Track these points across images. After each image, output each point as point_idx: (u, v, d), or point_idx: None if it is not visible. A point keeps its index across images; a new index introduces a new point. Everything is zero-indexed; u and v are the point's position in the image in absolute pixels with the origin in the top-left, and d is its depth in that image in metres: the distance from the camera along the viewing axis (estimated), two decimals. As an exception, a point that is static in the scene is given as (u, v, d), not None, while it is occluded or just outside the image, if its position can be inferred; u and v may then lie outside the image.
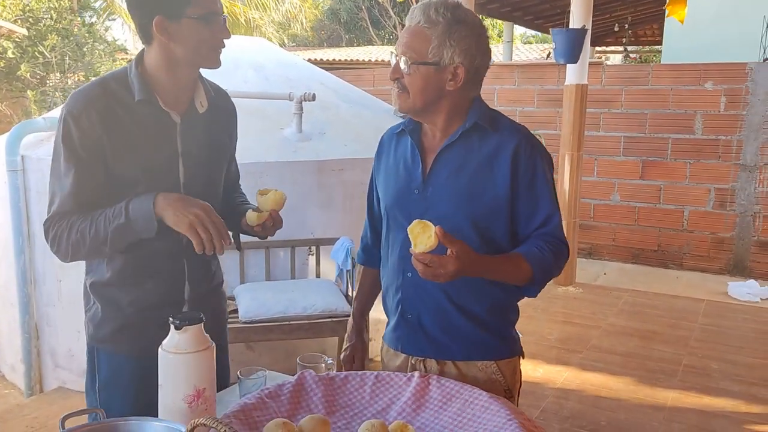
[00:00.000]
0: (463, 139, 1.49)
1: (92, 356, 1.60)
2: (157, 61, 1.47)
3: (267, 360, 3.56)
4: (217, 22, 1.44)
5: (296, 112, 3.70)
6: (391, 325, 1.66)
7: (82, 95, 1.45)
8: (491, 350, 1.56)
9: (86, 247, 1.44)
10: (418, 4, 1.43)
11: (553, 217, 1.49)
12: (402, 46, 1.44)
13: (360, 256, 1.82)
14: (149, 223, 1.40)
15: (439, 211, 1.48)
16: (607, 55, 14.39)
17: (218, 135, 1.62)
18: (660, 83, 5.93)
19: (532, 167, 1.47)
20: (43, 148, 3.54)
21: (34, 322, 3.62)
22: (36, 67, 6.85)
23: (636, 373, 3.63)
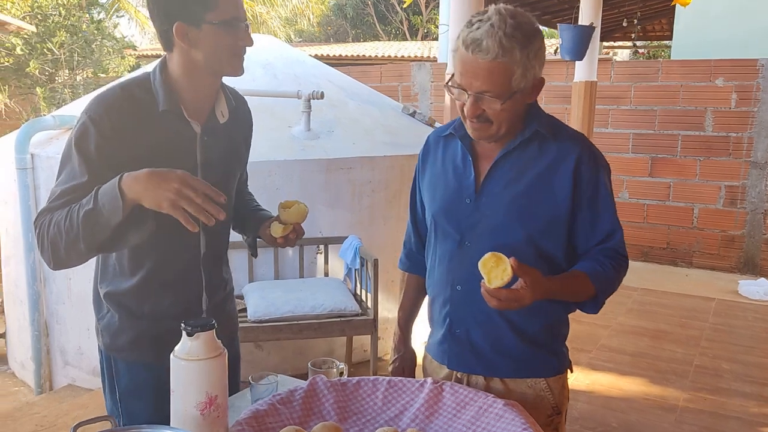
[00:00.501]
0: (521, 147, 1.42)
1: (110, 365, 1.58)
2: (179, 68, 1.43)
3: (276, 359, 3.56)
4: (239, 28, 1.40)
5: (304, 110, 3.68)
6: (437, 337, 1.58)
7: (104, 100, 1.41)
8: (542, 367, 1.51)
9: (63, 243, 1.31)
10: (478, 33, 1.28)
11: (616, 234, 1.43)
12: (479, 84, 1.30)
13: (403, 263, 1.74)
14: (115, 204, 1.26)
15: (493, 222, 1.43)
16: (615, 50, 14.29)
17: (236, 144, 1.60)
18: (670, 79, 5.88)
19: (594, 180, 1.40)
20: (52, 146, 3.54)
21: (44, 320, 3.63)
22: (45, 63, 6.85)
23: (646, 374, 3.61)
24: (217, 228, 1.46)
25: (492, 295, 1.24)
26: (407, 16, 18.05)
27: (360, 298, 3.40)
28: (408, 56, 12.41)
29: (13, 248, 3.72)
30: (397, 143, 3.95)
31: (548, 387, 1.51)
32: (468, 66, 1.31)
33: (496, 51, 1.27)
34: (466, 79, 1.32)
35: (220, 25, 1.37)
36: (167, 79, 1.44)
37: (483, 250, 1.40)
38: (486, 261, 1.25)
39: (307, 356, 3.62)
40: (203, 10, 1.35)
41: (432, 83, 7.15)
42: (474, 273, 1.42)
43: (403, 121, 4.40)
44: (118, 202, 1.26)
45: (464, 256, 1.47)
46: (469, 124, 1.39)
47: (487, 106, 1.34)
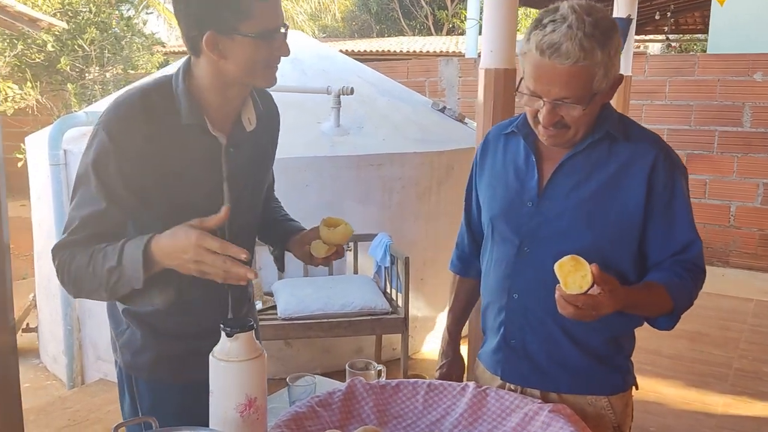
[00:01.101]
0: (590, 149, 1.33)
1: (130, 384, 1.47)
2: (206, 77, 1.30)
3: (304, 357, 3.54)
4: (275, 39, 1.26)
5: (334, 106, 3.65)
6: (490, 346, 1.51)
7: (124, 113, 1.27)
8: (604, 384, 1.42)
9: (85, 286, 1.25)
10: (556, 37, 1.17)
11: (695, 244, 1.33)
12: (558, 90, 1.21)
13: (456, 265, 1.66)
14: (136, 273, 1.18)
15: (557, 228, 1.34)
16: (646, 44, 14.02)
17: (264, 151, 1.50)
18: (706, 74, 5.72)
19: (671, 185, 1.30)
20: (84, 142, 3.55)
21: (76, 315, 3.66)
22: (75, 60, 6.93)
23: (685, 377, 3.52)
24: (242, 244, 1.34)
25: (569, 301, 1.14)
26: (432, 11, 17.93)
27: (389, 296, 3.36)
28: (433, 51, 12.32)
29: (46, 243, 3.75)
30: (427, 139, 3.90)
31: (610, 405, 1.42)
32: (544, 72, 1.21)
33: (577, 55, 1.17)
34: (541, 85, 1.22)
35: (256, 37, 1.23)
36: (191, 87, 1.31)
37: (544, 257, 1.34)
38: (564, 264, 1.16)
39: (335, 354, 3.60)
40: (237, 19, 1.21)
41: (460, 78, 7.07)
42: (533, 280, 1.38)
43: (432, 117, 4.35)
44: (139, 274, 1.19)
45: (523, 262, 1.39)
46: (543, 131, 1.29)
47: (566, 113, 1.24)
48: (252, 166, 1.44)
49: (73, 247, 1.24)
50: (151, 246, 1.19)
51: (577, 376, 1.41)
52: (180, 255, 1.17)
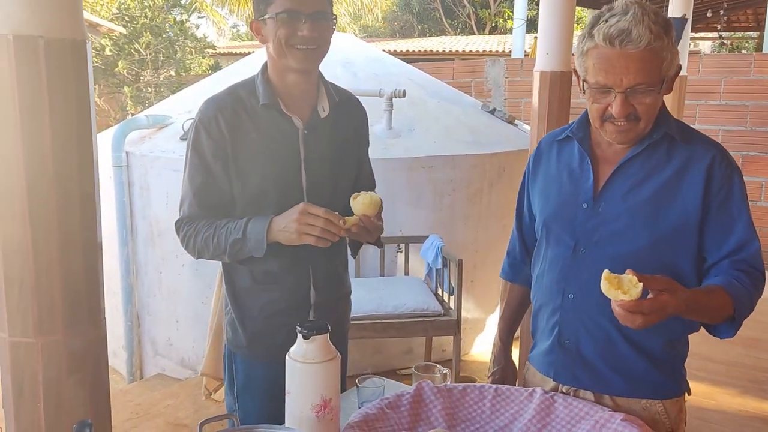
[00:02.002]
0: (648, 151, 1.35)
1: (230, 361, 1.66)
2: (270, 64, 1.54)
3: (356, 356, 3.58)
4: (296, 20, 1.43)
5: (386, 108, 3.69)
6: (542, 347, 1.52)
7: (212, 103, 1.52)
8: (659, 388, 1.42)
9: (209, 253, 1.53)
10: (624, 24, 1.21)
11: (751, 244, 1.31)
12: (632, 77, 1.22)
13: (507, 272, 1.69)
14: (260, 244, 1.46)
15: (614, 229, 1.35)
16: (696, 42, 13.66)
17: (342, 139, 1.61)
18: (763, 73, 5.56)
19: (727, 184, 1.31)
20: (145, 144, 3.68)
21: (136, 311, 3.79)
22: (132, 64, 7.16)
23: (741, 384, 3.43)
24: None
25: (633, 310, 1.12)
26: (474, 10, 17.82)
27: (441, 298, 3.38)
28: (476, 51, 12.26)
29: (107, 243, 3.88)
30: (477, 142, 3.90)
31: (664, 410, 1.42)
32: (615, 61, 1.23)
33: (649, 37, 1.20)
34: (613, 76, 1.23)
35: (276, 17, 1.43)
36: (267, 76, 1.54)
37: (600, 258, 1.36)
38: (608, 282, 1.14)
39: (385, 354, 3.63)
40: (265, 5, 1.45)
41: (506, 79, 7.03)
42: (588, 281, 1.37)
43: (482, 119, 4.35)
44: (263, 245, 1.46)
45: (578, 263, 1.40)
46: (614, 128, 1.30)
47: (638, 101, 1.26)
48: (330, 151, 1.57)
49: (194, 221, 1.53)
50: (272, 222, 1.46)
51: (632, 380, 1.41)
52: (288, 218, 1.43)
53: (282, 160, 1.52)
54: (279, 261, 1.54)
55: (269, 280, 1.58)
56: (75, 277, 1.29)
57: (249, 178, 1.51)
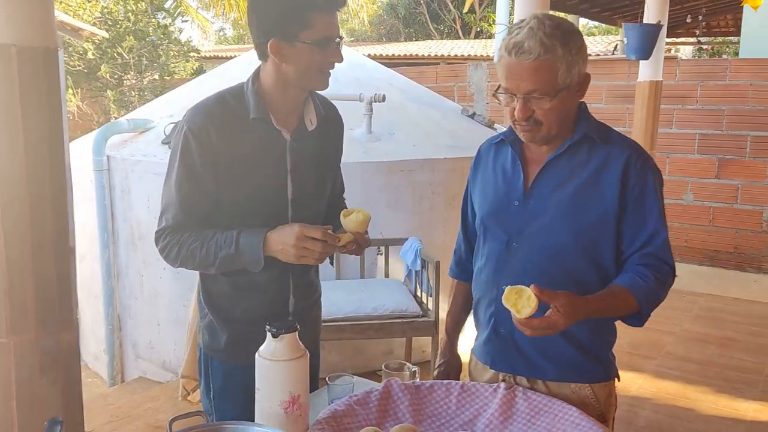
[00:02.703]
0: (570, 151, 1.45)
1: (206, 364, 1.67)
2: (270, 79, 1.51)
3: (336, 358, 3.62)
4: (330, 47, 1.46)
5: (366, 113, 3.73)
6: (482, 338, 1.63)
7: (202, 111, 1.51)
8: (587, 373, 1.51)
9: (194, 264, 1.52)
10: (519, 37, 1.33)
11: (659, 235, 1.42)
12: (526, 84, 1.34)
13: (453, 270, 1.78)
14: (257, 260, 1.46)
15: (541, 224, 1.45)
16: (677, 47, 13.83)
17: (326, 150, 1.65)
18: (738, 78, 5.67)
19: (642, 181, 1.41)
20: (126, 148, 3.70)
21: (117, 314, 3.80)
22: (115, 67, 7.15)
23: (714, 383, 3.51)
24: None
25: (524, 325, 1.26)
26: (460, 15, 17.93)
27: (420, 299, 3.43)
28: (461, 55, 12.33)
29: (89, 246, 3.90)
30: (457, 146, 3.96)
31: (593, 394, 1.51)
32: (513, 69, 1.35)
33: (538, 50, 1.31)
34: (512, 82, 1.36)
35: (313, 44, 1.43)
36: (259, 88, 1.52)
37: (530, 251, 1.47)
38: (508, 295, 1.27)
39: (365, 355, 3.67)
40: (299, 29, 1.42)
41: (488, 83, 7.10)
42: (519, 274, 1.48)
43: (462, 123, 4.40)
44: (260, 261, 1.47)
45: (511, 257, 1.50)
46: (520, 128, 1.42)
47: (537, 107, 1.37)
48: (314, 162, 1.60)
49: (178, 231, 1.51)
50: (267, 238, 1.46)
51: (562, 365, 1.50)
52: (285, 241, 1.44)
53: (269, 170, 1.53)
54: (265, 271, 1.52)
55: (252, 287, 1.59)
56: (47, 279, 1.32)
57: (236, 187, 1.52)
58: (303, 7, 1.42)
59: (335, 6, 1.46)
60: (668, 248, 1.44)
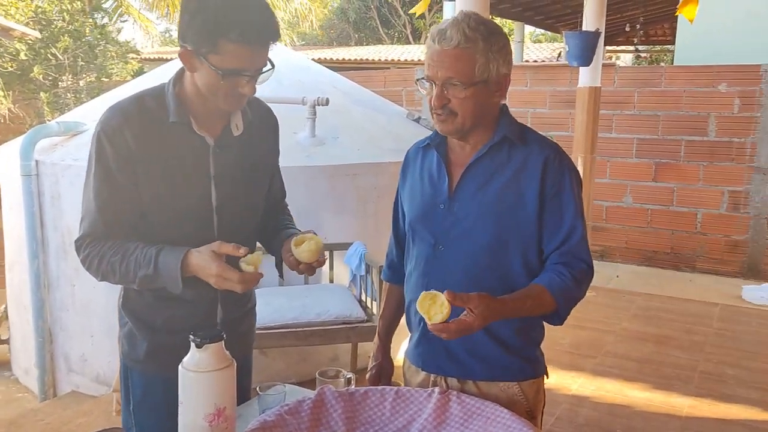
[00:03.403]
0: (491, 153, 1.46)
1: (126, 375, 1.60)
2: (189, 85, 1.44)
3: (280, 365, 3.56)
4: (239, 79, 1.35)
5: (309, 116, 3.69)
6: (413, 341, 1.63)
7: (118, 112, 1.42)
8: (514, 371, 1.52)
9: (116, 278, 1.44)
10: (444, 26, 1.38)
11: (575, 232, 1.44)
12: (444, 71, 1.37)
13: (386, 273, 1.78)
14: (175, 282, 1.38)
15: (466, 226, 1.47)
16: (618, 55, 14.29)
17: (255, 155, 1.56)
18: (673, 85, 5.89)
19: (559, 180, 1.44)
20: (56, 152, 3.55)
21: (48, 327, 3.63)
22: (48, 69, 6.87)
23: (651, 380, 3.60)
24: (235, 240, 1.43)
25: (439, 330, 1.26)
26: (410, 20, 18.07)
27: (365, 304, 3.40)
28: (411, 60, 12.42)
29: (17, 254, 3.72)
30: (402, 149, 3.90)
31: (521, 391, 1.52)
32: (435, 56, 1.38)
33: (459, 38, 1.35)
34: (432, 69, 1.39)
35: (219, 71, 1.32)
36: (180, 91, 1.44)
37: (455, 254, 1.48)
38: (422, 301, 1.28)
39: (311, 362, 3.62)
40: (208, 51, 1.32)
41: (435, 88, 7.15)
42: (446, 276, 1.49)
43: (408, 127, 4.41)
44: (178, 283, 1.38)
45: (438, 260, 1.51)
46: (436, 118, 1.43)
47: (453, 95, 1.38)
48: (241, 169, 1.51)
49: (98, 242, 1.43)
50: (186, 261, 1.38)
51: (490, 365, 1.51)
52: (206, 272, 1.37)
53: (191, 176, 1.45)
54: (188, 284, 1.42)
55: (175, 296, 1.47)
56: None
57: (157, 194, 1.43)
58: (214, 32, 1.30)
59: (254, 40, 1.32)
60: (585, 245, 1.47)
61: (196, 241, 1.41)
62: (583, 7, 4.92)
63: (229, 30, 1.29)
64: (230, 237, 1.44)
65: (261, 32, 1.32)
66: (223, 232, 1.50)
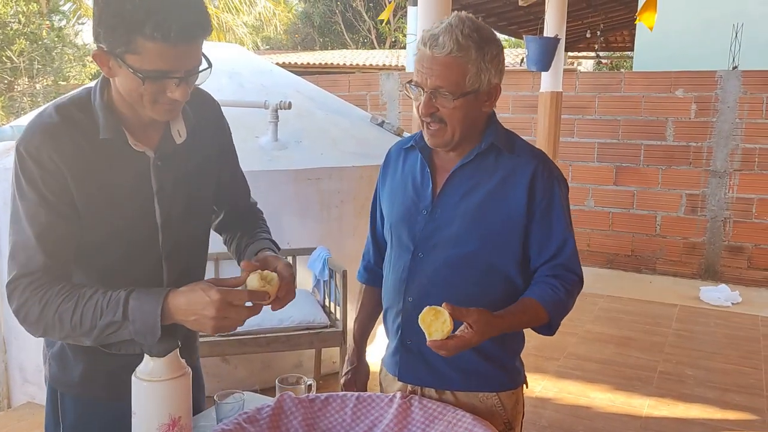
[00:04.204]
0: (478, 159, 1.43)
1: (55, 399, 1.42)
2: (115, 92, 1.24)
3: (243, 373, 3.51)
4: (165, 81, 1.16)
5: (272, 120, 3.65)
6: (390, 349, 1.59)
7: (40, 128, 1.21)
8: (493, 381, 1.50)
9: (62, 332, 1.20)
10: (437, 30, 1.32)
11: (567, 246, 1.42)
12: (434, 79, 1.32)
13: (362, 275, 1.73)
14: (151, 330, 1.16)
15: (448, 234, 1.43)
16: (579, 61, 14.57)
17: (202, 162, 1.40)
18: (632, 90, 6.01)
19: (549, 193, 1.41)
20: (10, 157, 3.43)
21: (2, 336, 3.51)
22: (3, 72, 6.67)
23: (613, 381, 3.66)
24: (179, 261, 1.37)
25: (437, 347, 1.24)
26: (375, 25, 18.12)
27: (328, 309, 3.37)
28: (376, 64, 12.46)
29: (-32, 262, 3.60)
30: (365, 154, 3.94)
31: (500, 402, 1.50)
32: (425, 62, 1.33)
33: (451, 47, 1.30)
34: (422, 76, 1.34)
35: (139, 73, 1.14)
36: (109, 100, 1.25)
37: (436, 262, 1.44)
38: (424, 316, 1.25)
39: (274, 369, 3.57)
40: (124, 50, 1.13)
41: (400, 92, 7.18)
42: (425, 285, 1.46)
43: (371, 131, 4.40)
44: (156, 333, 1.17)
45: (417, 267, 1.47)
46: (425, 128, 1.40)
47: (441, 104, 1.34)
48: (186, 179, 1.36)
49: (39, 284, 1.19)
50: (167, 303, 1.17)
51: (469, 375, 1.49)
52: (200, 313, 1.16)
53: (133, 194, 1.29)
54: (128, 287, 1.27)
55: None
56: None
57: (97, 216, 1.25)
58: (129, 29, 1.10)
59: (175, 36, 1.11)
60: (576, 258, 1.45)
61: (139, 265, 1.31)
62: (545, 13, 5.00)
63: (144, 24, 1.09)
64: (174, 253, 1.35)
65: (183, 26, 1.11)
66: (167, 249, 1.35)
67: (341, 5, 18.42)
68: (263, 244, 1.43)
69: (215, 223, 1.58)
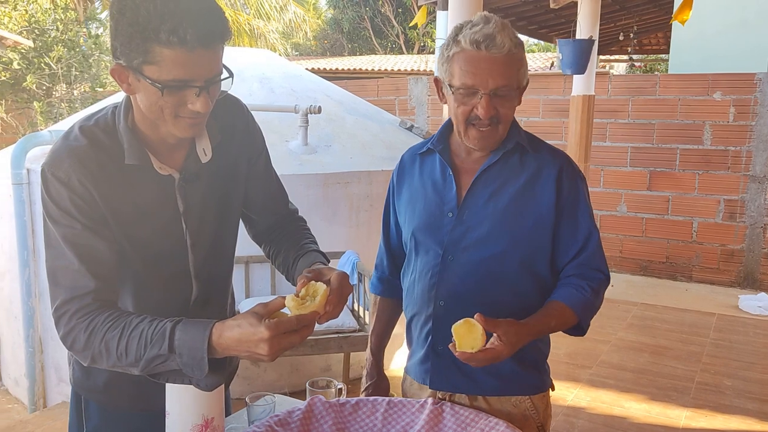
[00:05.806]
0: (503, 160, 1.43)
1: (79, 404, 1.41)
2: (137, 111, 1.21)
3: (272, 376, 3.52)
4: (182, 93, 1.12)
5: (302, 124, 3.67)
6: (417, 356, 1.55)
7: (68, 152, 1.18)
8: (527, 385, 1.49)
9: (109, 361, 1.16)
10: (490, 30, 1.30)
11: (592, 239, 1.43)
12: (494, 79, 1.30)
13: (376, 287, 1.69)
14: (199, 364, 1.11)
15: (478, 235, 1.42)
16: (611, 64, 14.36)
17: (229, 180, 1.36)
18: (667, 93, 5.89)
19: (575, 191, 1.43)
20: (47, 161, 3.51)
21: (39, 336, 3.58)
22: (42, 78, 6.84)
23: (648, 390, 3.57)
24: (208, 278, 1.35)
25: (466, 359, 1.25)
26: (403, 30, 18.14)
27: (357, 314, 3.37)
28: (404, 70, 12.45)
29: (8, 264, 3.68)
30: (394, 158, 3.93)
31: (533, 406, 1.49)
32: (482, 63, 1.30)
33: (510, 45, 1.30)
34: (479, 78, 1.31)
35: (157, 84, 1.10)
36: (132, 123, 1.23)
37: (467, 263, 1.43)
38: (458, 327, 1.26)
39: (303, 372, 3.58)
40: (142, 62, 1.09)
41: (429, 97, 7.16)
42: (457, 287, 1.44)
43: (400, 135, 4.39)
44: (204, 367, 1.11)
45: (448, 271, 1.45)
46: (476, 133, 1.37)
47: (500, 104, 1.34)
48: (213, 198, 1.33)
49: (87, 310, 1.16)
50: (212, 339, 1.11)
51: (503, 380, 1.47)
52: (252, 349, 1.10)
53: (159, 216, 1.27)
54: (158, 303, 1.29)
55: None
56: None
57: (126, 237, 1.24)
58: (145, 36, 1.07)
59: (192, 41, 1.07)
60: (601, 253, 1.45)
61: (170, 284, 1.30)
62: (577, 16, 4.93)
63: (159, 30, 1.05)
64: (204, 270, 1.33)
65: (200, 30, 1.07)
66: (197, 267, 1.33)
67: (370, 11, 18.49)
68: (313, 257, 1.37)
69: (253, 233, 1.53)
